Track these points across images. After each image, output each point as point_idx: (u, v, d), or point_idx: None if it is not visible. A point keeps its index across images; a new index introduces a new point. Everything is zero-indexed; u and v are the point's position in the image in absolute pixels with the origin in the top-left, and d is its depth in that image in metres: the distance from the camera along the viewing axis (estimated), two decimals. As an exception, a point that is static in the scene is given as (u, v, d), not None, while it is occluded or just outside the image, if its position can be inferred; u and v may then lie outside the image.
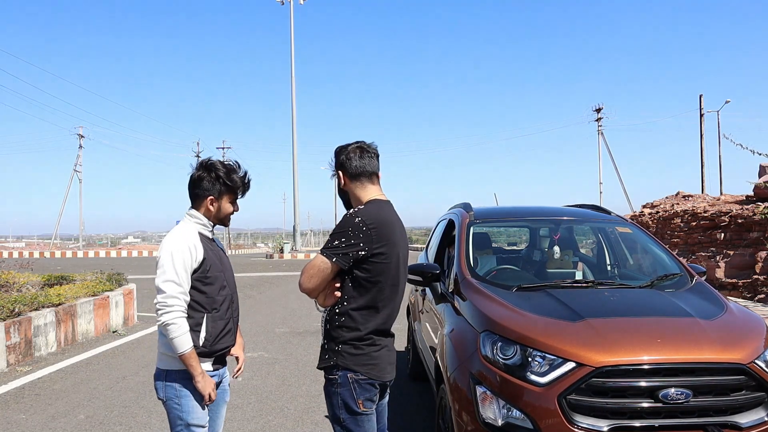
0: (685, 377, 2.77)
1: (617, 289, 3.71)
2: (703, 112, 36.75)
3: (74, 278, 9.91)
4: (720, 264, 12.62)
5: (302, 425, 4.49)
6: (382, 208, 2.40)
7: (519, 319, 3.13)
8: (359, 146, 2.46)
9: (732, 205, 14.82)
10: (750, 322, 3.26)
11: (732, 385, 2.83)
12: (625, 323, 3.07)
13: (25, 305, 7.00)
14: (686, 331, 3.01)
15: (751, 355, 2.87)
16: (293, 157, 38.00)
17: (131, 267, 26.75)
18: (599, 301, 3.42)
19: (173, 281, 2.39)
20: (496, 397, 2.86)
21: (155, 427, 4.49)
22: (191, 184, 2.58)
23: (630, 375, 2.76)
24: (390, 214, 2.42)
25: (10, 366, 6.41)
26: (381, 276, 2.33)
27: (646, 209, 19.30)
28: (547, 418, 2.73)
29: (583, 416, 2.73)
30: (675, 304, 3.35)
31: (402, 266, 2.44)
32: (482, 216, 4.70)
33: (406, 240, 2.52)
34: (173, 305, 2.38)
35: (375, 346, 2.35)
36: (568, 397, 2.73)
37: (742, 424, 2.77)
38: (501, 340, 3.00)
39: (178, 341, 2.36)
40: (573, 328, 2.98)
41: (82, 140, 55.03)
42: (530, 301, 3.36)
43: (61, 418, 4.73)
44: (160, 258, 2.44)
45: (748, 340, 3.00)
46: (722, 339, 2.96)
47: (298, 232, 39.62)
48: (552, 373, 2.79)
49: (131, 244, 79.93)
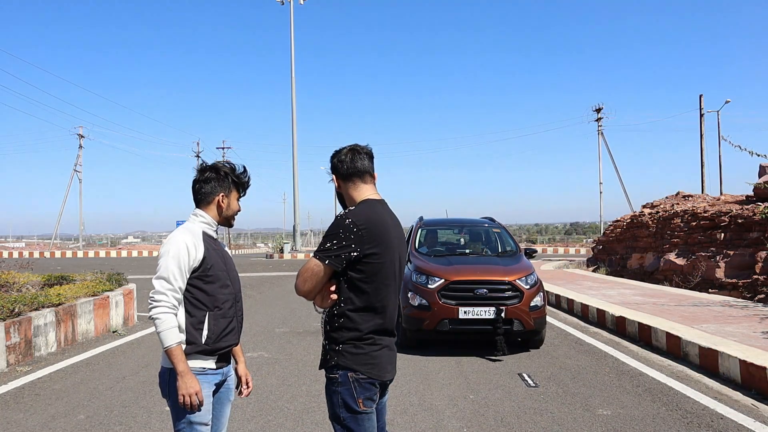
0: (487, 285, 7.02)
1: (479, 256, 8.43)
2: (703, 112, 36.74)
3: (74, 278, 9.92)
4: (720, 264, 12.61)
5: (302, 425, 4.49)
6: (374, 207, 2.42)
7: (427, 266, 7.51)
8: (351, 148, 2.51)
9: (732, 205, 14.80)
10: (523, 268, 7.46)
11: (505, 289, 7.05)
12: (469, 266, 7.52)
13: (25, 305, 7.00)
14: (493, 269, 7.39)
15: (514, 278, 7.12)
16: (293, 157, 37.99)
17: (131, 267, 26.74)
18: (464, 260, 7.97)
19: (164, 278, 2.45)
20: (416, 294, 7.15)
21: (155, 427, 4.49)
22: (199, 185, 2.62)
23: (464, 284, 7.06)
24: (383, 213, 2.43)
25: (10, 366, 6.41)
26: (375, 277, 2.34)
27: (646, 209, 19.29)
28: (433, 300, 7.00)
29: (446, 299, 6.99)
30: (498, 260, 7.91)
31: (397, 265, 2.44)
32: (427, 224, 9.16)
33: (403, 239, 2.54)
34: (160, 300, 2.43)
35: (375, 346, 2.37)
36: (440, 292, 7.02)
37: (507, 303, 6.93)
38: (418, 272, 7.40)
39: (162, 335, 2.41)
40: (446, 268, 7.37)
41: (82, 140, 55.04)
42: (436, 260, 7.85)
43: (61, 418, 4.72)
44: (159, 257, 2.50)
45: (516, 273, 7.25)
46: (506, 272, 7.26)
47: (298, 232, 39.61)
48: (435, 284, 7.10)
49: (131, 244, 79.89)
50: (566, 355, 7.03)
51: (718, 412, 4.70)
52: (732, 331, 7.08)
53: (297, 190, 38.60)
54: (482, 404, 5.01)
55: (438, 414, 4.75)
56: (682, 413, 4.71)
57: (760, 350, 5.91)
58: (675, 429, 4.36)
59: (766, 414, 4.67)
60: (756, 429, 4.32)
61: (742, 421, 4.47)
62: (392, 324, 2.47)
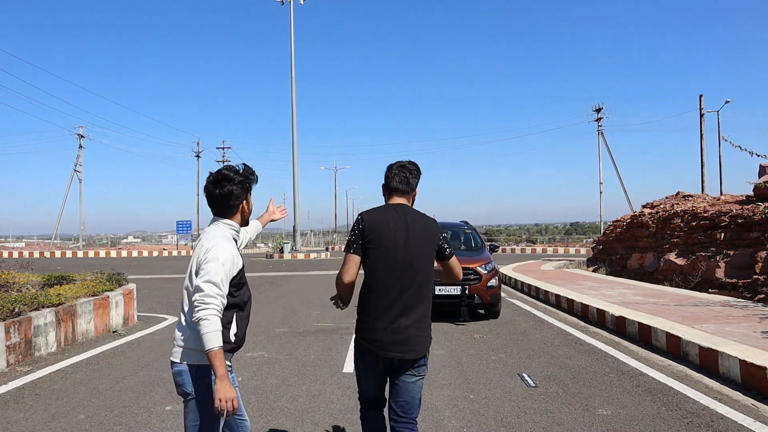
0: None
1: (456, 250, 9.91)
2: (703, 112, 36.75)
3: (74, 278, 9.92)
4: (720, 264, 12.61)
5: (302, 425, 4.49)
6: (384, 210, 2.97)
7: None
8: (399, 165, 3.09)
9: (732, 205, 14.80)
10: (483, 258, 10.13)
11: (469, 273, 9.63)
12: None
13: (25, 305, 7.00)
14: (462, 259, 8.68)
15: (476, 265, 9.78)
16: (293, 157, 37.97)
17: (131, 267, 26.76)
18: None
19: (214, 283, 2.54)
20: None
21: (155, 427, 4.49)
22: (222, 197, 2.72)
23: None
24: (388, 215, 2.93)
25: (10, 366, 6.41)
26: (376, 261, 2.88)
27: (646, 209, 19.28)
28: None
29: None
30: (466, 253, 10.41)
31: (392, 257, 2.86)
32: None
33: (404, 235, 2.89)
34: (210, 303, 2.51)
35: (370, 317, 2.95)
36: None
37: (470, 283, 9.59)
38: None
39: (208, 337, 2.48)
40: None
41: (82, 140, 55.04)
42: None
43: (61, 418, 4.72)
44: (207, 261, 2.58)
45: (478, 262, 9.91)
46: (471, 261, 9.84)
47: (298, 232, 39.61)
48: None
49: (131, 244, 79.82)
50: (566, 355, 7.03)
51: (718, 412, 4.70)
52: (732, 331, 7.08)
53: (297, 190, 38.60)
54: (482, 404, 5.02)
55: (438, 414, 4.75)
56: (682, 413, 4.71)
57: (760, 350, 5.91)
58: (675, 429, 4.36)
59: (766, 414, 4.67)
60: (756, 429, 4.32)
61: (742, 421, 4.47)
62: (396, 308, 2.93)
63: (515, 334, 8.48)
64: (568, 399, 5.15)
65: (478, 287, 9.58)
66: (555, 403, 5.04)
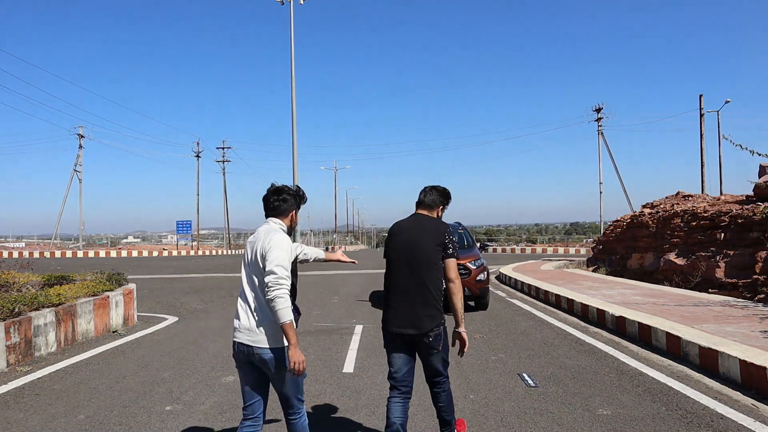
0: None
1: None
2: (703, 112, 36.74)
3: (74, 278, 9.92)
4: (720, 264, 12.60)
5: (302, 425, 4.48)
6: (406, 219, 3.80)
7: None
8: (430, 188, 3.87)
9: (732, 205, 14.80)
10: (473, 255, 11.21)
11: (462, 269, 10.51)
12: None
13: (25, 305, 7.00)
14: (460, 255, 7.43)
15: (466, 261, 10.76)
16: (293, 157, 37.97)
17: (131, 267, 26.76)
18: None
19: (283, 266, 3.04)
20: None
21: (155, 427, 4.49)
22: (278, 202, 3.32)
23: None
24: (406, 222, 3.76)
25: (10, 366, 6.41)
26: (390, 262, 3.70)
27: (646, 209, 19.28)
28: None
29: None
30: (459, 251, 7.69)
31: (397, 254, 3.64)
32: None
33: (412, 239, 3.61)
34: (283, 284, 3.00)
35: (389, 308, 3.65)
36: None
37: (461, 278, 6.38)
38: None
39: (282, 312, 2.95)
40: None
41: (82, 140, 55.00)
42: None
43: (61, 418, 4.73)
44: (272, 249, 3.07)
45: (468, 258, 10.90)
46: (462, 257, 10.38)
47: (298, 232, 39.63)
48: None
49: (131, 244, 79.81)
50: (566, 355, 7.03)
51: (718, 412, 4.70)
52: (732, 331, 7.08)
53: (297, 190, 38.57)
54: (482, 404, 5.02)
55: (438, 414, 4.74)
56: (682, 413, 4.71)
57: (760, 350, 5.91)
58: (675, 429, 4.36)
59: (766, 414, 4.67)
60: (756, 429, 4.33)
61: (742, 421, 4.47)
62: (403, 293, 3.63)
63: (515, 334, 8.48)
64: (568, 399, 5.15)
65: (467, 281, 10.54)
66: (555, 403, 5.04)
